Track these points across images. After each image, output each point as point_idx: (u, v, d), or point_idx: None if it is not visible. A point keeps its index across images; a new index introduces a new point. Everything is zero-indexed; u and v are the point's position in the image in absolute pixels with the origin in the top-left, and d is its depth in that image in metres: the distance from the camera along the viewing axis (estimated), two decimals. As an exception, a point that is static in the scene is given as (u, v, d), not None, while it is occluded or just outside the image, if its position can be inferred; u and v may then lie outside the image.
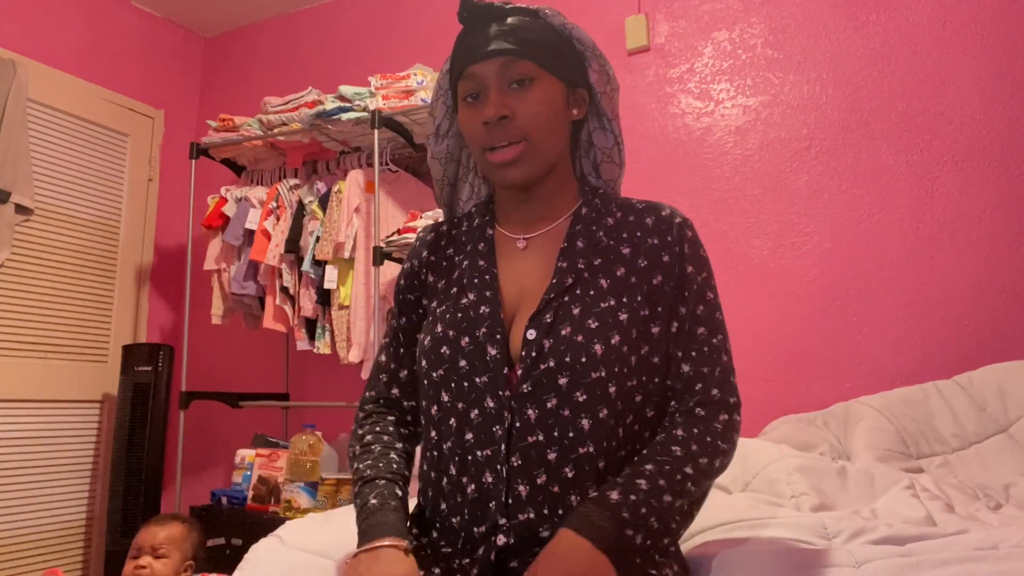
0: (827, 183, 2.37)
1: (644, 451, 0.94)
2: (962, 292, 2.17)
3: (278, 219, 2.80)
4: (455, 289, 1.04)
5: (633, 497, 0.87)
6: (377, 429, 1.07)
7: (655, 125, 2.63)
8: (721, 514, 1.22)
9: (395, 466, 1.02)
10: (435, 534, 0.99)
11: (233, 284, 2.88)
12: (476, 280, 1.03)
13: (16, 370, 2.83)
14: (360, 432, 1.09)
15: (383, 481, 0.99)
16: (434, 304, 1.06)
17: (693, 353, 0.98)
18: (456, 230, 1.13)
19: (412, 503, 1.08)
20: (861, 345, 2.25)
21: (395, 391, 1.11)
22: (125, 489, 2.76)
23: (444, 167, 1.16)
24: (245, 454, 2.71)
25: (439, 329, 1.00)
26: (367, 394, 1.13)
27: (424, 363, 1.01)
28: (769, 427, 2.11)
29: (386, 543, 0.90)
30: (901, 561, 0.96)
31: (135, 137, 3.34)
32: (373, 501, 0.96)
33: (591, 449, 0.91)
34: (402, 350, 1.11)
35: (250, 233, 2.85)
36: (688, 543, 1.16)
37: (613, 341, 0.93)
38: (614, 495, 0.87)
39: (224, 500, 2.64)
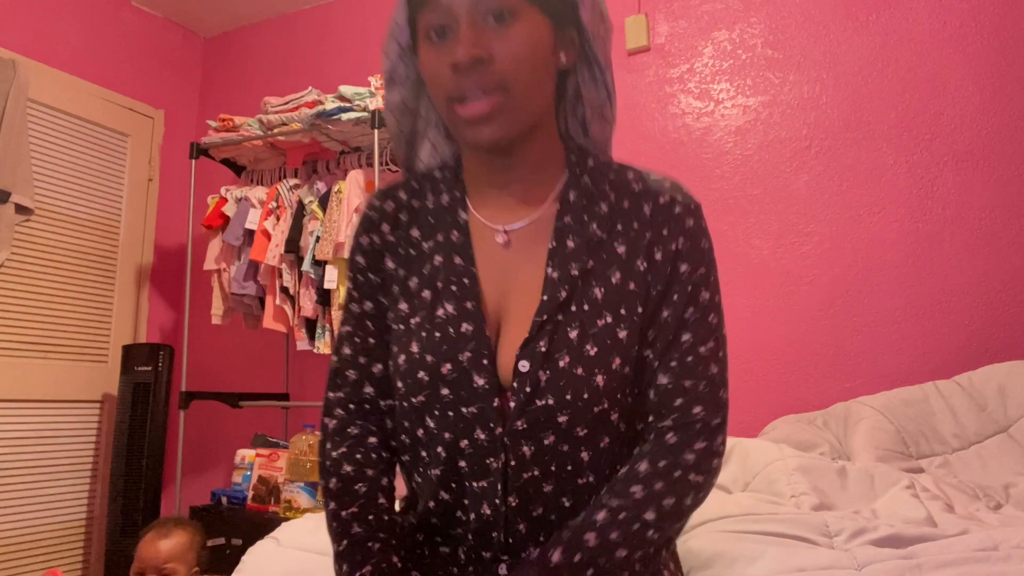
0: (827, 183, 2.37)
1: (603, 490, 0.82)
2: (962, 292, 2.17)
3: (278, 219, 2.80)
4: (427, 292, 0.88)
5: (578, 557, 0.76)
6: (358, 457, 0.90)
7: (655, 125, 2.63)
8: (723, 509, 1.23)
9: (386, 518, 0.87)
10: (432, 529, 0.92)
11: (233, 284, 2.88)
12: (453, 286, 0.87)
13: (16, 370, 2.83)
14: (335, 455, 0.90)
15: (377, 545, 0.84)
16: (403, 307, 0.90)
17: (674, 364, 0.84)
18: (419, 201, 0.94)
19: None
20: (861, 345, 2.25)
21: (368, 390, 0.93)
22: (125, 489, 2.76)
23: (399, 121, 0.97)
24: (245, 454, 2.71)
25: (415, 350, 0.86)
26: (333, 395, 0.94)
27: (401, 386, 0.87)
28: (769, 427, 2.11)
29: None
30: (903, 563, 0.96)
31: (135, 137, 3.34)
32: None
33: (591, 479, 0.83)
34: (372, 340, 0.93)
35: (250, 233, 2.85)
36: (688, 534, 1.16)
37: (614, 366, 0.82)
38: (556, 556, 0.76)
39: (224, 500, 2.64)
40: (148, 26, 3.46)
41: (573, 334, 0.83)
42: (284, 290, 2.78)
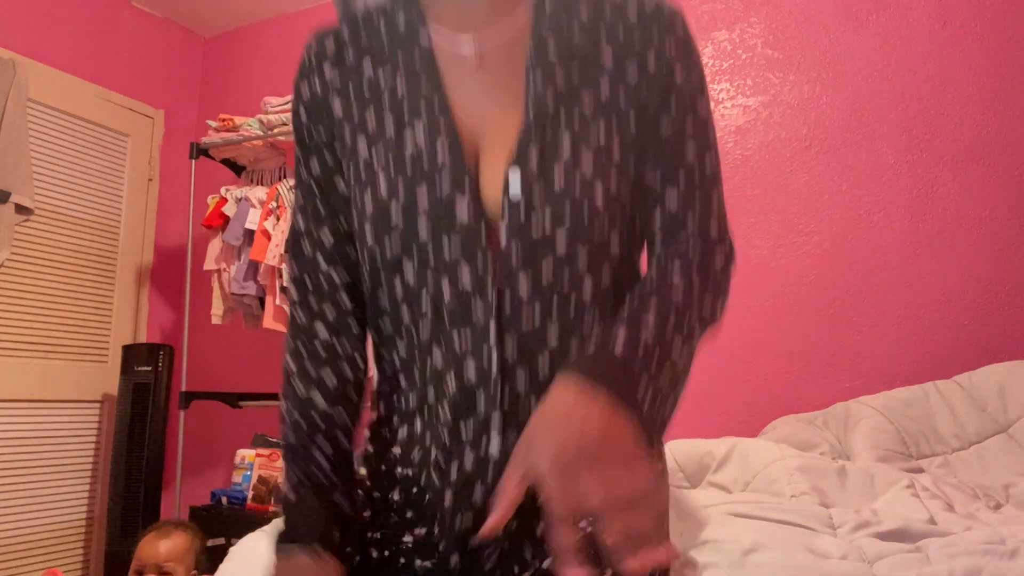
0: (827, 183, 2.37)
1: (635, 297, 0.71)
2: (962, 292, 2.17)
3: (278, 219, 2.81)
4: (390, 125, 0.76)
5: (641, 349, 0.65)
6: (304, 355, 0.80)
7: (655, 125, 2.63)
8: (725, 499, 1.23)
9: (336, 418, 0.80)
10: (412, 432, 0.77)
11: (233, 284, 2.88)
12: (421, 111, 0.75)
13: (16, 370, 2.83)
14: (287, 353, 0.82)
15: (305, 477, 0.79)
16: (361, 148, 0.77)
17: (681, 181, 0.75)
18: (368, 33, 0.80)
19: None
20: (861, 345, 2.25)
21: (321, 264, 0.81)
22: (125, 489, 2.76)
23: None
24: (245, 454, 2.71)
25: (382, 187, 0.73)
26: (289, 272, 0.84)
27: (369, 236, 0.75)
28: (769, 427, 2.12)
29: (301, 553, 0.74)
30: (911, 556, 0.96)
31: (135, 137, 3.34)
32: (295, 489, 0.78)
33: (593, 316, 0.73)
34: (321, 206, 0.81)
35: (250, 233, 2.85)
36: (690, 513, 1.16)
37: (613, 185, 0.72)
38: (619, 347, 0.65)
39: (224, 500, 2.64)
40: (148, 26, 3.46)
41: (566, 149, 0.72)
42: (284, 290, 2.78)
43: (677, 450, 1.73)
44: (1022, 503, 1.52)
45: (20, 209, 2.71)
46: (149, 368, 2.83)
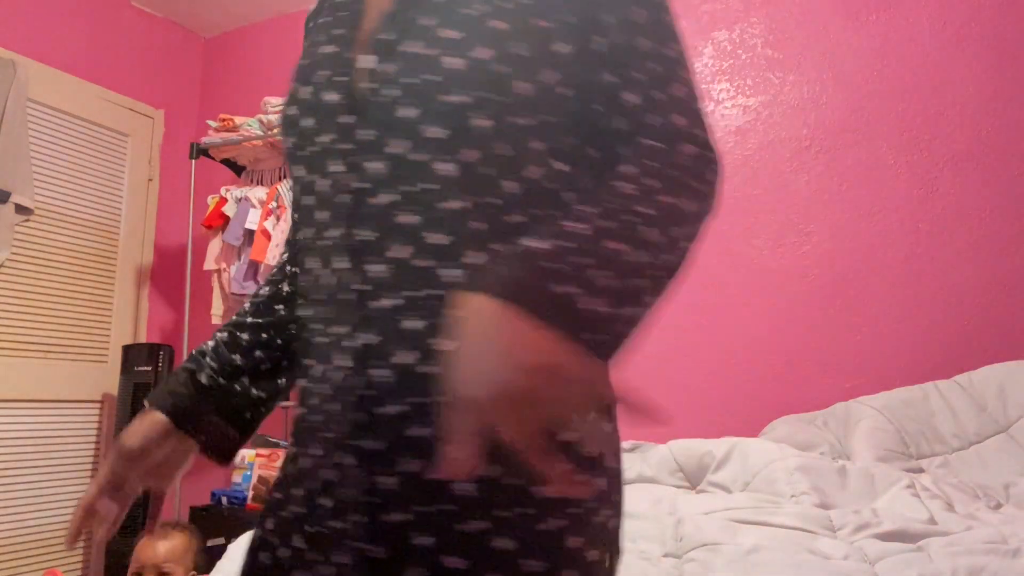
0: (827, 183, 2.37)
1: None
2: (962, 292, 2.17)
3: (278, 219, 2.81)
4: (311, 41, 0.79)
5: (561, 243, 0.57)
6: (262, 289, 0.89)
7: (655, 125, 2.63)
8: (725, 503, 1.23)
9: (248, 323, 0.86)
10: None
11: (233, 284, 2.88)
12: (331, 19, 0.76)
13: (16, 370, 2.83)
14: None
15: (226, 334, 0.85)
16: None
17: (636, 74, 0.67)
18: None
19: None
20: (861, 345, 2.25)
21: (290, 206, 0.91)
22: (125, 489, 2.76)
23: None
24: (245, 454, 2.71)
25: (290, 87, 0.78)
26: None
27: (281, 134, 0.78)
28: (769, 427, 2.12)
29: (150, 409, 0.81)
30: (913, 556, 0.97)
31: (135, 137, 3.34)
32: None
33: (463, 204, 0.66)
34: None
35: (250, 233, 2.85)
36: (691, 521, 1.16)
37: (478, 55, 0.66)
38: (531, 241, 0.58)
39: (224, 500, 2.64)
40: (148, 26, 3.45)
41: (429, 20, 0.68)
42: (284, 290, 2.78)
43: (677, 450, 1.73)
44: (1022, 503, 1.52)
45: (20, 209, 2.71)
46: (149, 368, 2.84)
